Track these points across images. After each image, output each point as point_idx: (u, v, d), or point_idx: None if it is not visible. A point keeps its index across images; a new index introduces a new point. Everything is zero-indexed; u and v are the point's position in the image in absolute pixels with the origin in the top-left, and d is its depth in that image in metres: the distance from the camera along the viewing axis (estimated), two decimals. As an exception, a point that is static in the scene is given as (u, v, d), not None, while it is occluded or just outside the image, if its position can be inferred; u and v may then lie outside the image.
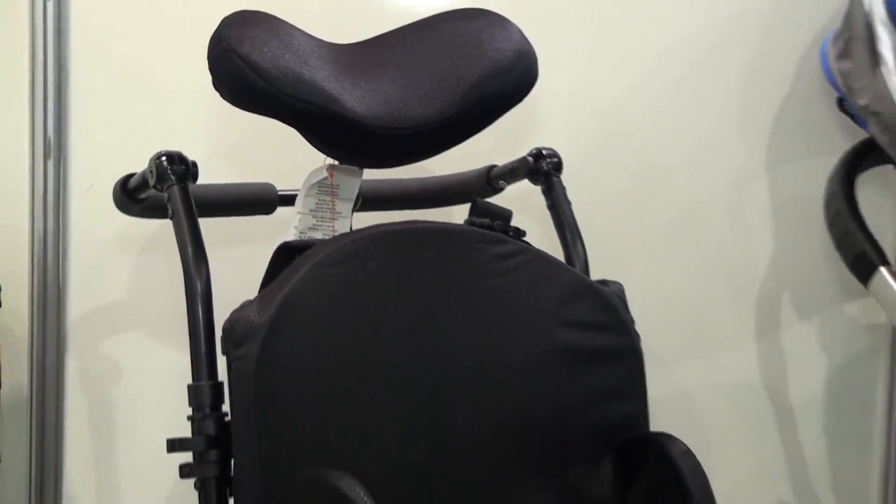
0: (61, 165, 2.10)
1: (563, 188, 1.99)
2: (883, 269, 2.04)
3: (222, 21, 1.66)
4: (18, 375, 2.09)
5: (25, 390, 2.11)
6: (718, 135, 2.32)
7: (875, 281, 2.04)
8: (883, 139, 2.04)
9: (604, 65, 2.28)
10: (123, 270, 2.10)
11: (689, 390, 2.28)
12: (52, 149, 2.09)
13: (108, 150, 1.91)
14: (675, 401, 2.07)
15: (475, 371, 1.77)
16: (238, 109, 1.69)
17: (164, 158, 1.72)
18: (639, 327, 1.85)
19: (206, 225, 1.70)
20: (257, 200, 1.91)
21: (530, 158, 2.00)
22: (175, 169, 1.72)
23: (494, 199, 1.93)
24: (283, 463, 1.59)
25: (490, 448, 1.75)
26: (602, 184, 2.22)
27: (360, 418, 1.67)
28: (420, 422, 1.72)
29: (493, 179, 2.03)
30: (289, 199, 1.88)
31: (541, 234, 1.93)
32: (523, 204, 2.00)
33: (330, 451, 1.60)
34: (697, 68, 2.31)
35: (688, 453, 1.75)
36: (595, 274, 1.88)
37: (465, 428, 1.74)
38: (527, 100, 1.84)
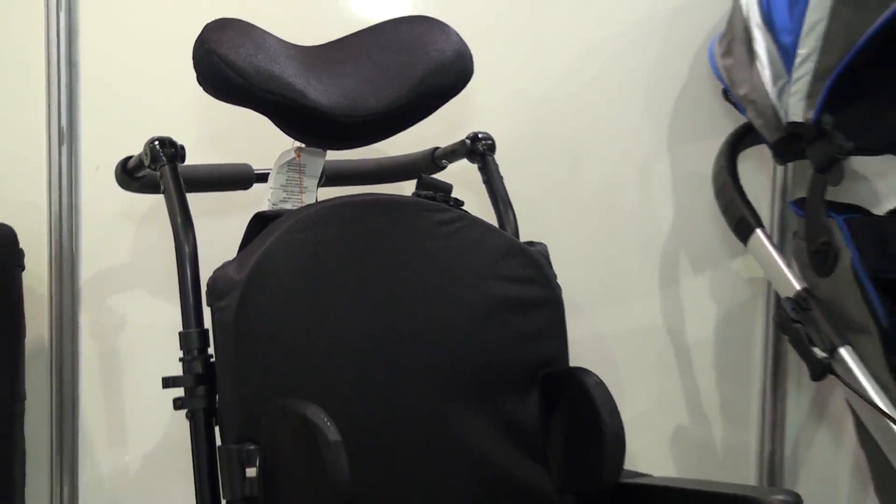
0: (72, 150, 2.10)
1: (497, 166, 2.03)
2: (758, 231, 2.08)
3: (205, 27, 1.69)
4: (40, 327, 2.10)
5: (46, 339, 2.12)
6: (628, 121, 2.35)
7: (752, 241, 2.09)
8: (758, 123, 2.09)
9: (532, 62, 2.30)
10: (126, 238, 2.12)
11: (603, 333, 2.31)
12: (65, 136, 2.10)
13: (111, 137, 1.93)
14: (591, 342, 2.11)
15: (421, 317, 1.79)
16: (220, 101, 1.71)
17: (156, 143, 1.75)
18: (561, 281, 1.89)
19: (193, 199, 1.72)
20: (236, 178, 1.94)
21: (468, 141, 2.03)
22: (166, 151, 1.76)
23: (438, 176, 1.97)
24: (259, 396, 1.61)
25: (435, 380, 1.77)
26: (530, 162, 2.24)
27: (322, 358, 1.69)
28: (375, 360, 1.74)
29: (436, 159, 2.07)
30: (263, 177, 1.91)
31: (478, 205, 1.94)
32: (463, 179, 2.02)
33: (298, 386, 1.62)
34: (611, 65, 2.33)
35: (600, 384, 1.79)
36: (524, 237, 1.92)
37: (414, 364, 1.77)
38: (465, 91, 1.87)
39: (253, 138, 1.84)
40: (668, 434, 2.39)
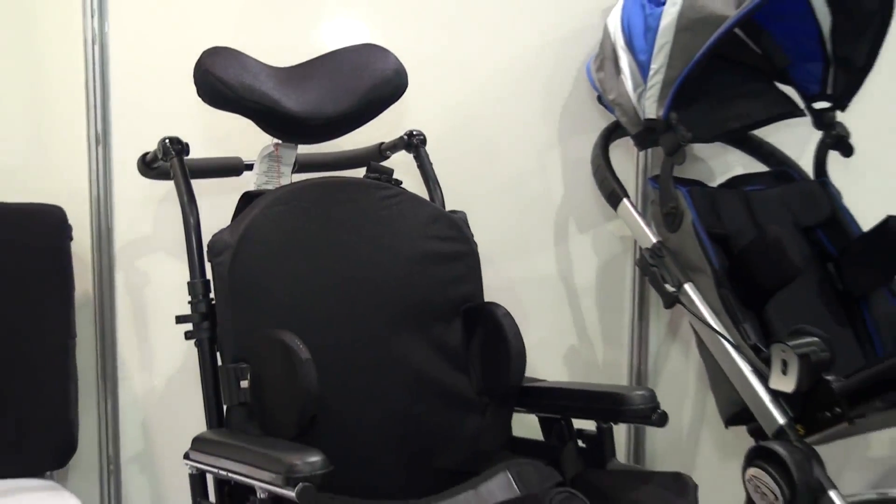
0: (106, 150, 2.10)
1: (427, 155, 2.07)
2: (625, 200, 2.11)
3: (202, 53, 1.74)
4: (85, 284, 2.10)
5: (90, 293, 2.13)
6: (529, 121, 2.36)
7: (621, 207, 2.12)
8: (623, 120, 2.12)
9: (456, 76, 2.30)
10: (148, 214, 2.13)
11: (511, 279, 2.32)
12: (100, 139, 2.09)
13: (135, 139, 1.92)
14: (502, 286, 2.13)
15: (372, 267, 1.83)
16: (215, 109, 1.74)
17: (167, 141, 1.79)
18: (478, 240, 1.94)
19: (197, 183, 1.77)
20: (230, 167, 1.97)
21: (405, 136, 2.08)
22: (174, 147, 1.80)
23: (385, 164, 2.00)
24: (248, 328, 1.65)
25: (383, 314, 1.82)
26: (454, 152, 2.23)
27: (296, 298, 1.74)
28: (337, 299, 1.78)
29: (382, 151, 2.10)
30: (249, 167, 1.96)
31: (414, 185, 1.97)
32: (402, 166, 2.05)
33: (278, 319, 1.66)
34: (516, 79, 2.33)
35: (507, 315, 1.84)
36: (448, 208, 1.96)
37: (367, 302, 1.81)
38: (402, 99, 1.91)
39: (242, 137, 1.86)
40: (561, 354, 2.41)
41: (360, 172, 2.01)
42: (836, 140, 2.20)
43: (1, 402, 1.93)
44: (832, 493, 1.66)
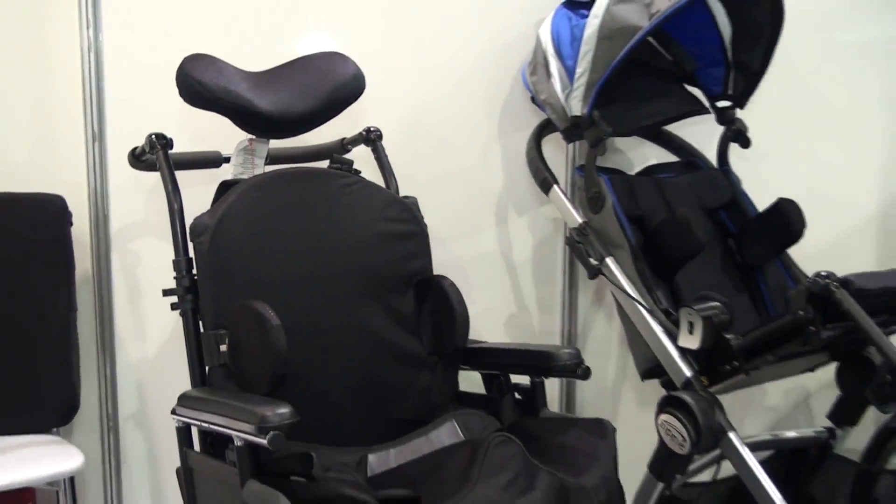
0: (102, 146, 2.09)
1: (384, 148, 2.08)
2: (556, 187, 2.11)
3: (184, 59, 1.73)
4: (85, 263, 2.10)
5: (89, 271, 2.12)
6: (475, 118, 2.35)
7: (552, 193, 2.12)
8: (554, 117, 2.12)
9: (410, 79, 2.29)
10: (139, 201, 2.12)
11: (458, 256, 2.32)
12: (97, 137, 2.09)
13: (128, 135, 1.89)
14: (451, 263, 2.13)
15: (335, 245, 1.83)
16: (196, 109, 1.73)
17: (153, 136, 1.80)
18: (428, 222, 1.93)
19: (181, 174, 1.77)
20: (210, 160, 1.96)
21: (364, 132, 2.08)
22: (160, 142, 1.81)
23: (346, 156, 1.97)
24: (225, 299, 1.66)
25: (345, 286, 1.82)
26: (409, 146, 2.23)
27: (268, 273, 1.74)
28: (304, 273, 1.79)
29: (344, 145, 2.10)
30: (227, 159, 1.94)
31: (372, 174, 1.97)
32: (363, 158, 2.02)
33: (252, 291, 1.66)
34: (463, 81, 2.33)
35: (453, 285, 1.86)
36: (403, 194, 1.95)
37: (330, 275, 1.81)
38: (362, 99, 1.91)
39: (220, 134, 1.85)
40: (502, 320, 2.41)
41: (325, 164, 2.00)
42: (736, 134, 2.22)
43: (11, 367, 1.94)
44: (731, 435, 1.69)
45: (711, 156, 2.30)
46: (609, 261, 1.94)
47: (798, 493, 2.07)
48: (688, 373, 1.77)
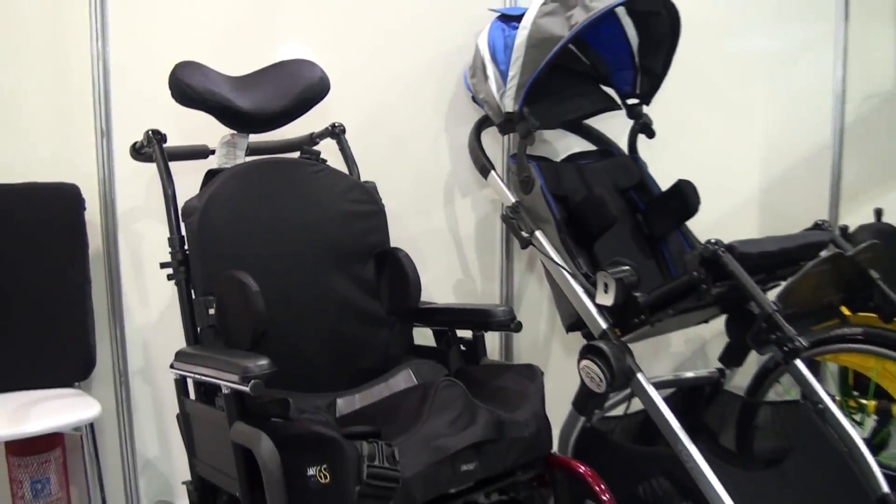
0: (109, 141, 2.03)
1: (347, 141, 2.05)
2: (493, 172, 2.12)
3: (175, 66, 1.70)
4: (96, 242, 2.04)
5: (101, 249, 2.07)
6: (425, 115, 2.32)
7: (490, 178, 2.12)
8: (490, 113, 2.13)
9: (370, 80, 2.25)
10: (141, 189, 2.07)
11: (413, 233, 2.28)
12: (105, 133, 2.03)
13: (131, 132, 1.84)
14: (407, 238, 2.03)
15: (305, 223, 1.82)
16: (186, 108, 1.69)
17: (150, 132, 1.76)
18: (387, 202, 1.92)
19: (175, 165, 1.74)
20: (198, 152, 1.91)
21: (330, 127, 2.05)
22: (156, 137, 1.78)
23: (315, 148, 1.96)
24: (213, 269, 1.63)
25: (315, 257, 1.81)
26: (369, 139, 2.17)
27: (248, 247, 1.73)
28: (280, 246, 1.77)
29: (313, 138, 2.08)
30: (213, 151, 1.88)
31: (338, 163, 1.93)
32: (330, 150, 1.98)
33: (235, 263, 1.63)
34: (416, 82, 2.29)
35: (407, 256, 1.87)
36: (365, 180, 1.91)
37: (303, 248, 1.80)
38: (328, 99, 1.89)
39: (208, 130, 1.81)
40: (451, 286, 2.39)
41: (296, 155, 2.00)
42: (643, 126, 2.22)
43: (37, 331, 1.92)
44: (639, 375, 1.70)
45: (624, 145, 2.30)
46: (538, 233, 1.94)
47: (695, 422, 2.09)
48: (603, 325, 1.78)
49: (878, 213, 2.45)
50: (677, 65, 2.12)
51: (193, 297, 1.63)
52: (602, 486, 1.61)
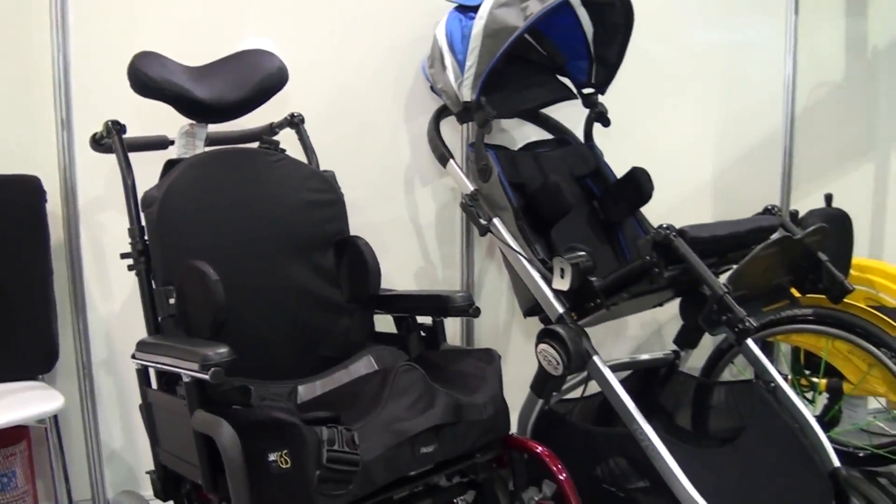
0: (69, 133, 2.01)
1: (306, 130, 2.04)
2: (452, 161, 2.12)
3: (134, 56, 1.67)
4: (58, 234, 2.02)
5: (62, 240, 2.04)
6: (385, 105, 2.31)
7: (449, 166, 2.12)
8: (449, 103, 2.12)
9: (330, 70, 2.24)
10: (101, 180, 2.05)
11: (374, 221, 2.28)
12: (65, 124, 2.01)
13: (91, 123, 1.81)
14: (368, 226, 2.04)
15: (265, 212, 1.80)
16: (145, 98, 1.67)
17: (110, 122, 1.72)
18: (348, 192, 1.91)
19: (135, 155, 1.71)
20: (158, 143, 1.88)
21: (289, 117, 2.03)
22: (115, 127, 1.75)
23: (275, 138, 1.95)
24: (173, 260, 1.61)
25: (275, 245, 1.79)
26: (330, 129, 2.17)
27: (208, 237, 1.71)
28: (240, 235, 1.76)
29: (272, 128, 2.06)
30: (172, 142, 1.85)
31: (297, 153, 1.91)
32: (286, 140, 1.97)
33: (194, 252, 1.61)
34: (376, 72, 2.28)
35: (367, 244, 1.85)
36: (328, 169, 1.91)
37: (263, 237, 1.78)
38: (287, 89, 1.86)
39: (168, 120, 1.78)
40: (412, 273, 2.39)
41: (255, 145, 1.98)
42: (598, 115, 2.24)
43: (1, 324, 1.91)
44: (595, 358, 1.72)
45: (580, 134, 2.31)
46: (496, 221, 1.94)
47: (651, 403, 2.11)
48: (560, 310, 1.79)
49: (828, 198, 2.48)
50: (633, 56, 2.14)
51: (154, 287, 1.62)
52: (559, 466, 1.63)
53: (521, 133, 2.40)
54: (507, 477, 1.70)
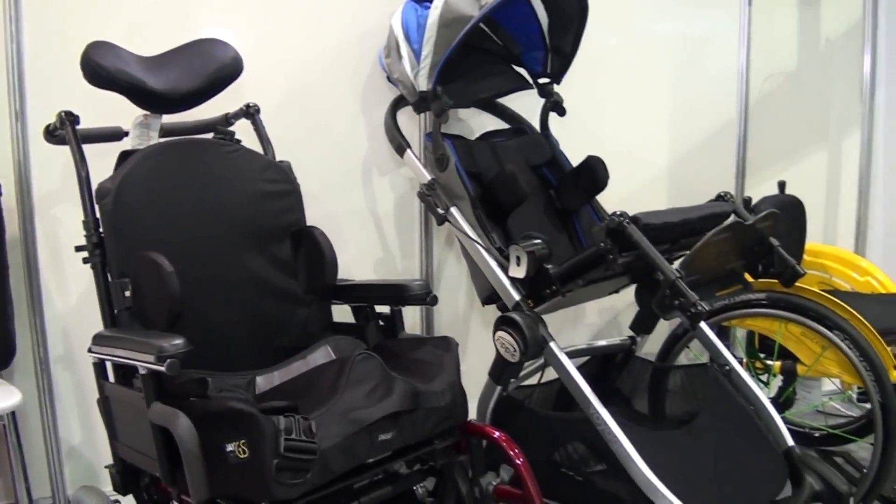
0: (23, 125, 1.98)
1: (261, 121, 2.02)
2: (409, 150, 2.13)
3: (87, 45, 1.65)
4: (13, 229, 1.99)
5: (18, 234, 2.01)
6: (342, 95, 2.30)
7: (406, 156, 2.13)
8: (405, 92, 2.13)
9: (288, 61, 2.22)
10: (56, 172, 2.02)
11: (332, 211, 2.27)
12: (19, 116, 1.97)
13: (43, 116, 1.79)
14: (326, 217, 2.01)
15: (220, 203, 1.79)
16: (99, 89, 1.67)
17: (63, 114, 1.71)
18: (305, 182, 1.91)
19: (89, 147, 1.70)
20: (112, 134, 1.85)
21: (244, 107, 2.01)
22: (68, 119, 1.72)
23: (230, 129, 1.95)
24: (128, 252, 1.60)
25: (232, 237, 1.79)
26: (285, 120, 2.16)
27: (164, 228, 1.70)
28: (195, 226, 1.75)
29: (228, 119, 2.04)
30: (127, 133, 1.82)
31: (253, 144, 1.91)
32: (242, 130, 1.97)
33: (149, 244, 1.60)
34: (333, 63, 2.27)
35: (324, 234, 1.85)
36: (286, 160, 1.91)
37: (219, 228, 1.77)
38: (243, 79, 1.86)
39: (123, 111, 1.77)
40: (371, 264, 2.38)
41: (211, 135, 1.97)
42: (554, 105, 2.25)
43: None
44: (551, 344, 1.74)
45: (535, 123, 2.32)
46: (453, 210, 1.95)
47: (608, 388, 2.14)
48: (517, 297, 1.81)
49: (782, 185, 2.53)
50: (589, 46, 2.15)
51: (110, 279, 1.61)
52: (515, 451, 1.65)
53: (478, 123, 2.40)
54: (466, 463, 1.72)
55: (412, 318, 2.43)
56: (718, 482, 1.70)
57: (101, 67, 1.62)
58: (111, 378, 1.63)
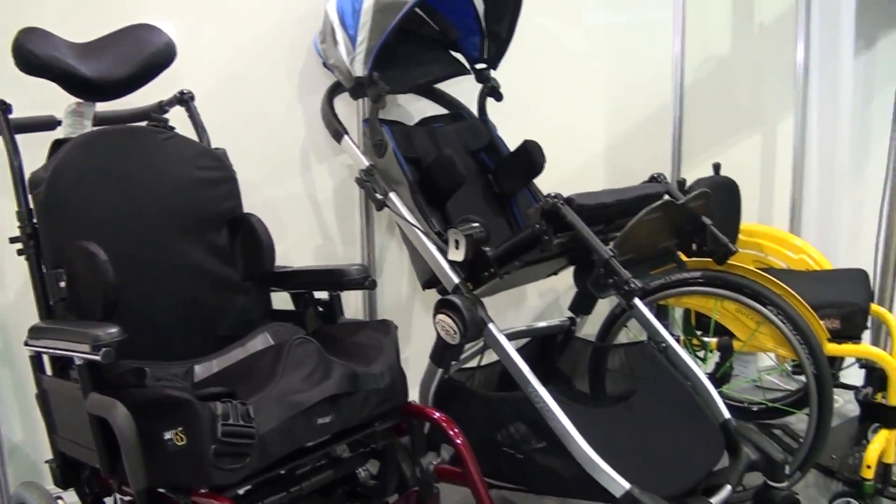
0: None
1: (196, 108, 2.00)
2: (346, 137, 2.12)
3: (18, 31, 1.62)
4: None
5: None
6: (278, 82, 2.29)
7: (343, 142, 2.13)
8: (342, 78, 2.13)
9: (221, 48, 2.20)
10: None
11: (271, 199, 2.26)
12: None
13: None
14: (265, 204, 2.02)
15: (155, 191, 1.79)
16: (32, 77, 1.65)
17: None
18: (243, 170, 1.92)
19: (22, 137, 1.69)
20: (46, 123, 1.81)
21: (178, 94, 1.99)
22: (0, 108, 1.69)
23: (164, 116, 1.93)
24: (62, 242, 1.59)
25: (167, 225, 1.78)
26: (221, 107, 2.14)
27: (98, 217, 1.69)
28: (131, 214, 1.74)
29: (162, 106, 2.02)
30: (60, 122, 1.79)
31: (188, 131, 1.90)
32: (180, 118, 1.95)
33: (83, 233, 1.60)
34: (268, 49, 2.26)
35: (260, 221, 1.85)
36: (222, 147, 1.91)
37: (154, 216, 1.77)
38: (177, 65, 1.84)
39: (55, 100, 1.75)
40: (311, 251, 2.39)
41: (145, 123, 1.93)
42: (491, 90, 2.27)
43: None
44: (490, 326, 1.77)
45: (473, 108, 2.34)
46: (392, 195, 1.96)
47: (549, 369, 2.19)
48: (456, 280, 1.83)
49: (716, 167, 2.59)
50: (526, 31, 2.18)
51: (45, 270, 1.59)
52: (455, 431, 1.68)
53: (416, 108, 2.41)
54: (408, 445, 1.74)
55: (355, 304, 2.44)
56: (657, 455, 1.74)
57: (32, 55, 1.60)
58: (48, 371, 1.62)
